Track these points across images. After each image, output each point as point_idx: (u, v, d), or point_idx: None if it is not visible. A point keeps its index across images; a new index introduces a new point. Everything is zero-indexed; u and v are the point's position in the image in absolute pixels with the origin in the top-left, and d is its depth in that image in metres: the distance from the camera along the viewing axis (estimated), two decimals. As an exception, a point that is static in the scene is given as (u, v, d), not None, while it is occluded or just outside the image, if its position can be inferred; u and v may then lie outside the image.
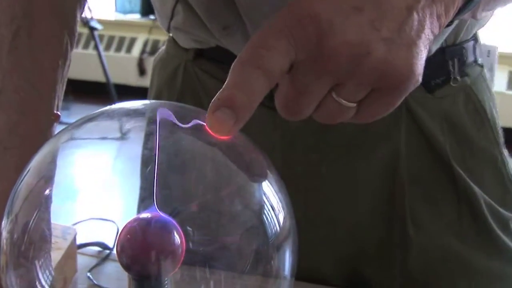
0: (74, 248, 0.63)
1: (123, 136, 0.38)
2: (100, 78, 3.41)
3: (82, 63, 3.51)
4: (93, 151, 0.40)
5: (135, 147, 0.40)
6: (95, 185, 0.39)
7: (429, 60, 0.38)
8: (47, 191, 0.38)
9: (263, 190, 0.38)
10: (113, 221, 0.54)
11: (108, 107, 0.40)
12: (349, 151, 0.61)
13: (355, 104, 0.38)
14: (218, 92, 0.35)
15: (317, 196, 0.62)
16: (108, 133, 0.39)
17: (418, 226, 0.61)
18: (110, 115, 0.40)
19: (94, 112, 0.40)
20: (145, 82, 3.56)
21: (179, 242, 0.34)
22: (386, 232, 0.62)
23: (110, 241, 0.67)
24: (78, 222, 0.62)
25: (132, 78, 3.87)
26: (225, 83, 0.35)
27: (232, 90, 0.35)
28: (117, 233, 0.36)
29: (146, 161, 0.37)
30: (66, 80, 0.55)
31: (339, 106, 0.38)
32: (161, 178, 0.35)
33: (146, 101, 0.41)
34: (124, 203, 0.40)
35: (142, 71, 3.92)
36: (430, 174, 0.61)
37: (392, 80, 0.36)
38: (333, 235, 0.62)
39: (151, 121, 0.38)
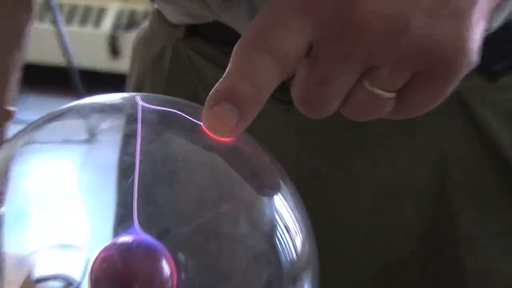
0: (31, 283, 0.64)
1: (91, 138, 0.39)
2: (60, 61, 3.42)
3: (36, 42, 3.51)
4: (53, 158, 0.40)
5: (106, 152, 0.40)
6: (56, 203, 0.39)
7: (488, 40, 0.39)
8: None
9: (275, 206, 0.39)
10: (79, 248, 0.55)
11: (77, 102, 0.41)
12: (381, 151, 0.62)
13: (393, 94, 0.38)
14: (218, 82, 0.36)
15: (339, 203, 0.63)
16: (72, 135, 0.40)
17: (469, 238, 0.62)
18: (80, 112, 0.41)
19: (61, 108, 0.41)
20: (119, 66, 3.56)
21: (169, 272, 0.35)
22: (417, 244, 0.63)
23: (76, 273, 0.68)
24: (36, 251, 0.62)
25: (102, 61, 3.87)
26: (226, 70, 0.36)
27: (234, 80, 0.36)
28: (86, 263, 0.37)
29: (126, 170, 0.38)
30: (21, 65, 0.56)
31: (373, 97, 0.38)
32: (146, 191, 0.36)
33: (125, 94, 0.42)
34: (93, 225, 0.40)
35: (115, 52, 3.93)
36: (488, 183, 0.62)
37: (438, 59, 0.37)
38: (353, 250, 0.64)
39: (131, 119, 0.38)
